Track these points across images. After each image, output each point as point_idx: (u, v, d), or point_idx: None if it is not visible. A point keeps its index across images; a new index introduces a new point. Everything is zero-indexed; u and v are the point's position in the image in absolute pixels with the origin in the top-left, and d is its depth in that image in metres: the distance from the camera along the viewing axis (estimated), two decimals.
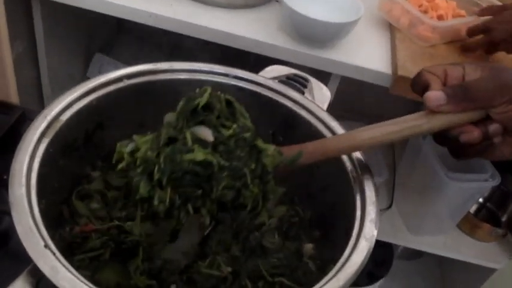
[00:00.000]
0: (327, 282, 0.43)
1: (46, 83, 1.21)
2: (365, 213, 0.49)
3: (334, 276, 0.44)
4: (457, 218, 1.30)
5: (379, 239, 1.34)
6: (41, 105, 1.22)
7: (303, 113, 0.60)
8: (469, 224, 1.33)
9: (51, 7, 1.08)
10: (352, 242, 0.47)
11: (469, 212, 1.31)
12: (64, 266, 0.38)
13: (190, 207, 0.48)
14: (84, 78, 1.26)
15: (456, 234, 1.35)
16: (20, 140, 0.48)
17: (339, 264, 0.46)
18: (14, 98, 0.78)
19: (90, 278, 0.44)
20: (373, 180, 0.52)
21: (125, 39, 1.54)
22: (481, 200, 1.44)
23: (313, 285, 0.43)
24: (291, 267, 0.54)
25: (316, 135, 0.59)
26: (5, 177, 0.70)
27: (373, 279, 1.49)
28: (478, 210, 1.44)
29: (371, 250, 0.47)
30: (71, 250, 0.49)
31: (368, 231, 0.48)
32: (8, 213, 0.65)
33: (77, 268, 0.40)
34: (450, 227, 1.33)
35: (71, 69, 1.32)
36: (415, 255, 1.71)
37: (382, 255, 1.53)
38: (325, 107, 0.64)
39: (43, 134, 0.48)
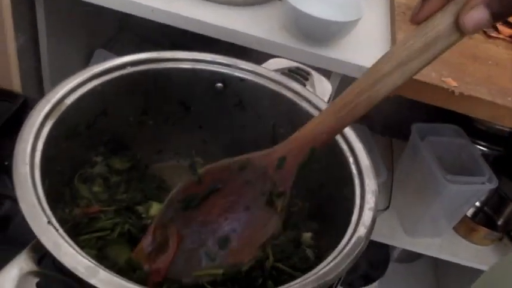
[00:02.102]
0: (324, 267, 0.44)
1: (47, 77, 1.21)
2: (364, 202, 0.50)
3: (331, 261, 0.45)
4: (454, 220, 1.31)
5: (376, 240, 1.35)
6: (41, 96, 1.22)
7: (304, 104, 0.60)
8: (465, 227, 1.34)
9: (54, 1, 1.09)
10: (351, 229, 0.48)
11: (466, 215, 1.31)
12: (67, 242, 0.39)
13: None
14: None
15: (452, 237, 1.35)
16: (21, 127, 0.48)
17: (337, 251, 0.46)
18: (16, 86, 0.78)
19: (97, 255, 0.45)
20: (372, 169, 0.53)
21: (126, 36, 1.55)
22: (478, 203, 1.44)
23: (310, 271, 0.43)
24: (287, 253, 0.54)
25: None
26: (6, 163, 0.71)
27: (368, 281, 1.50)
28: (475, 214, 1.45)
29: (369, 238, 0.48)
30: (74, 231, 0.50)
31: (367, 219, 0.48)
32: (8, 197, 0.67)
33: (82, 247, 0.40)
34: (447, 230, 1.34)
35: (72, 63, 1.32)
36: (412, 257, 1.71)
37: (378, 256, 1.53)
38: (326, 99, 0.64)
39: (47, 116, 0.49)
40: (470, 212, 1.40)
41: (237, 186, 0.48)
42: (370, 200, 0.50)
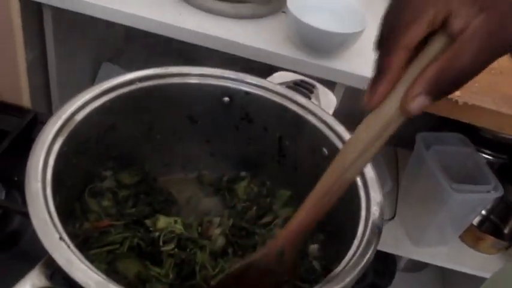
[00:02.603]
0: (332, 279, 0.44)
1: (55, 91, 1.22)
2: (370, 213, 0.50)
3: (339, 272, 0.45)
4: (460, 229, 1.30)
5: (382, 249, 1.35)
6: (49, 111, 1.23)
7: (310, 117, 0.61)
8: (472, 236, 1.33)
9: (61, 16, 1.10)
10: (357, 240, 0.48)
11: (472, 224, 1.31)
12: (78, 258, 0.40)
13: None
14: None
15: (459, 246, 1.35)
16: (31, 142, 0.49)
17: (344, 262, 0.46)
18: (26, 102, 0.79)
19: (107, 269, 0.45)
20: (378, 181, 0.53)
21: (133, 50, 1.56)
22: (484, 212, 1.44)
23: (317, 282, 0.44)
24: None
25: (322, 139, 0.60)
26: (15, 178, 0.72)
27: None
28: (481, 223, 1.44)
29: (375, 249, 0.48)
30: (84, 245, 0.51)
31: (372, 230, 0.49)
32: (18, 212, 0.67)
33: (92, 261, 0.41)
34: (453, 239, 1.34)
35: (79, 77, 1.33)
36: (418, 266, 1.71)
37: (385, 266, 1.53)
38: (331, 112, 0.65)
39: (58, 133, 0.50)
40: (476, 221, 1.40)
41: (247, 285, 0.52)
42: (376, 212, 0.51)
